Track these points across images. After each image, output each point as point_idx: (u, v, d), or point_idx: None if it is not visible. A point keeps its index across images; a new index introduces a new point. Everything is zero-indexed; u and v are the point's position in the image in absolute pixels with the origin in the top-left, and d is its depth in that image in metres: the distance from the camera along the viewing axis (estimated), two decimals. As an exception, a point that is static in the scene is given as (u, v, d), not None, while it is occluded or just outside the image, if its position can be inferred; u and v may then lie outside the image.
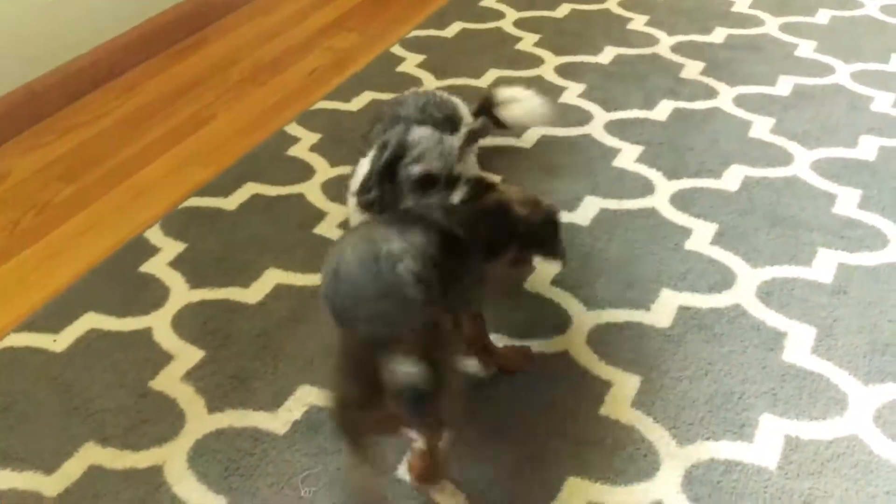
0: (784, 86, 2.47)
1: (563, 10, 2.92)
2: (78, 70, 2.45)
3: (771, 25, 2.80)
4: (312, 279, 1.82)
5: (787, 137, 2.24)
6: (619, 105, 2.39)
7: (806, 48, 2.66)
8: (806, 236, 1.91)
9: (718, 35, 2.75)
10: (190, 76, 2.56)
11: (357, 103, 2.41)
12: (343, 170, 2.09)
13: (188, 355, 1.65)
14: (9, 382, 1.60)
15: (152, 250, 1.90)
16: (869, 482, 1.40)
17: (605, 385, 1.57)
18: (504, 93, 2.06)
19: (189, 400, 1.56)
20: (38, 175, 2.14)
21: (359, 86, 2.49)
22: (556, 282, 1.80)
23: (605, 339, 1.66)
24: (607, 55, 2.65)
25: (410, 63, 2.62)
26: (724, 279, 1.80)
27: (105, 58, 2.51)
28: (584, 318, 1.71)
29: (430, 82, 2.51)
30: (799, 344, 1.64)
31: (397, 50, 2.69)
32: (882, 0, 2.95)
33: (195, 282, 1.82)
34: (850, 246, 1.88)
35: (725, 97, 2.42)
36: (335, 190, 2.04)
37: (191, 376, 1.61)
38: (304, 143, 2.23)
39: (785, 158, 2.16)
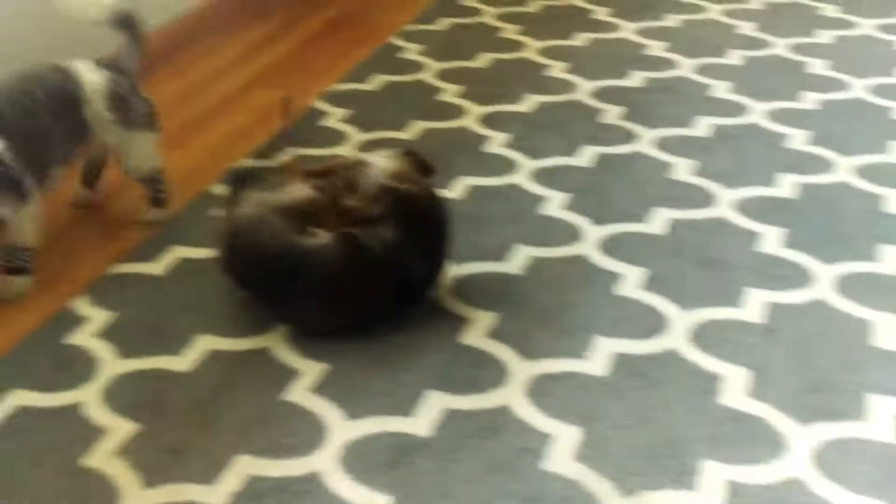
0: (702, 127, 2.54)
1: (483, 61, 2.96)
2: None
3: (686, 67, 2.88)
4: (244, 343, 1.79)
5: (709, 178, 2.29)
6: (543, 153, 2.42)
7: (721, 89, 2.74)
8: (734, 277, 1.95)
9: (636, 79, 2.82)
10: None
11: (280, 160, 2.40)
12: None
13: (120, 429, 1.60)
14: (-69, 469, 1.53)
15: (78, 321, 1.85)
16: (810, 521, 1.43)
17: (547, 438, 1.57)
18: None
19: (123, 476, 1.51)
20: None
21: (282, 142, 2.48)
22: (492, 333, 1.80)
23: (544, 391, 1.67)
24: (529, 103, 2.69)
25: (334, 118, 2.62)
26: (656, 324, 1.82)
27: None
28: (522, 370, 1.71)
29: (353, 136, 2.51)
30: (734, 386, 1.67)
31: (320, 105, 2.69)
32: (790, 39, 3.06)
33: (125, 352, 1.77)
34: (777, 285, 1.92)
35: (646, 140, 2.47)
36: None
37: (124, 451, 1.56)
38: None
39: (708, 199, 2.21)
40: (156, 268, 2.00)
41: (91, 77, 1.98)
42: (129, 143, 2.05)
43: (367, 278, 1.75)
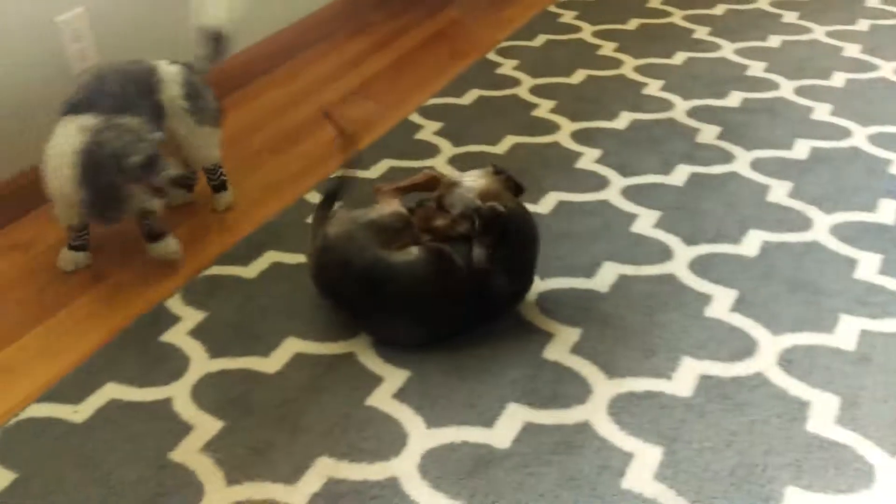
0: (801, 149, 2.48)
1: (578, 77, 2.96)
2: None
3: (786, 89, 2.82)
4: (330, 348, 1.82)
5: (805, 201, 2.24)
6: (635, 170, 2.40)
7: (822, 111, 2.68)
8: (827, 302, 1.90)
9: (734, 99, 2.77)
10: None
11: (376, 171, 2.43)
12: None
13: (208, 426, 1.65)
14: (30, 453, 1.60)
15: (173, 319, 1.91)
16: (898, 557, 1.38)
17: (627, 457, 1.55)
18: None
19: (208, 472, 1.56)
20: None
21: (378, 153, 2.52)
22: (576, 349, 1.79)
23: (626, 409, 1.65)
24: (623, 120, 2.67)
25: (428, 130, 2.64)
26: (745, 347, 1.79)
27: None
28: (605, 387, 1.70)
29: (447, 149, 2.53)
30: (823, 414, 1.63)
31: (415, 118, 2.72)
32: (896, 63, 2.97)
33: (215, 351, 1.82)
34: (872, 312, 1.87)
35: (742, 161, 2.43)
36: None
37: (210, 447, 1.61)
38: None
39: (804, 223, 2.16)
40: (249, 271, 2.05)
41: (168, 68, 2.10)
42: (197, 135, 2.15)
43: (453, 293, 1.77)
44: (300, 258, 2.08)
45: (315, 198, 2.31)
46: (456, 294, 1.77)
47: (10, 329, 1.92)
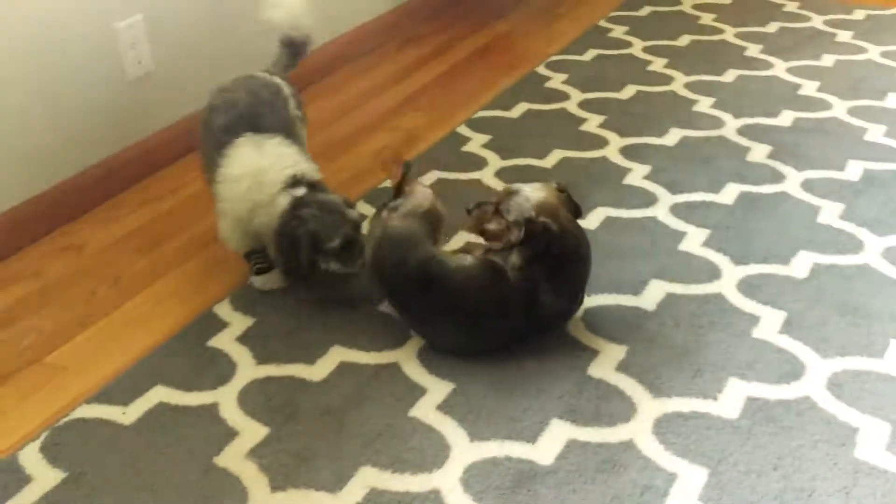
0: (853, 170, 2.45)
1: (628, 92, 2.95)
2: (154, 146, 2.53)
3: (839, 109, 2.79)
4: (376, 357, 1.83)
5: (856, 224, 2.21)
6: (684, 188, 2.39)
7: (876, 132, 2.65)
8: (878, 327, 1.87)
9: (786, 118, 2.75)
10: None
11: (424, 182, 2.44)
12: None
13: (253, 432, 1.67)
14: (80, 453, 1.63)
15: (221, 325, 1.93)
16: (947, 589, 1.35)
17: (671, 477, 1.54)
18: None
19: (252, 478, 1.57)
20: (114, 247, 2.20)
21: (425, 165, 2.53)
22: (621, 367, 1.79)
23: (672, 429, 1.64)
24: (673, 137, 2.66)
25: (476, 143, 2.65)
26: (793, 370, 1.77)
27: (181, 135, 2.59)
28: (650, 406, 1.69)
29: (494, 162, 2.54)
30: (872, 440, 1.60)
31: (463, 130, 2.73)
32: (953, 85, 2.93)
33: (262, 357, 1.84)
34: (924, 338, 1.84)
35: (793, 181, 2.41)
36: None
37: (255, 453, 1.62)
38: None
39: (855, 245, 2.13)
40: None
41: (283, 83, 2.11)
42: (303, 139, 2.15)
43: (501, 307, 1.77)
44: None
45: (361, 208, 2.32)
46: (503, 308, 1.77)
47: (62, 329, 1.95)
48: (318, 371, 1.81)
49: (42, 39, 2.17)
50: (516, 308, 1.78)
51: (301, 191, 1.89)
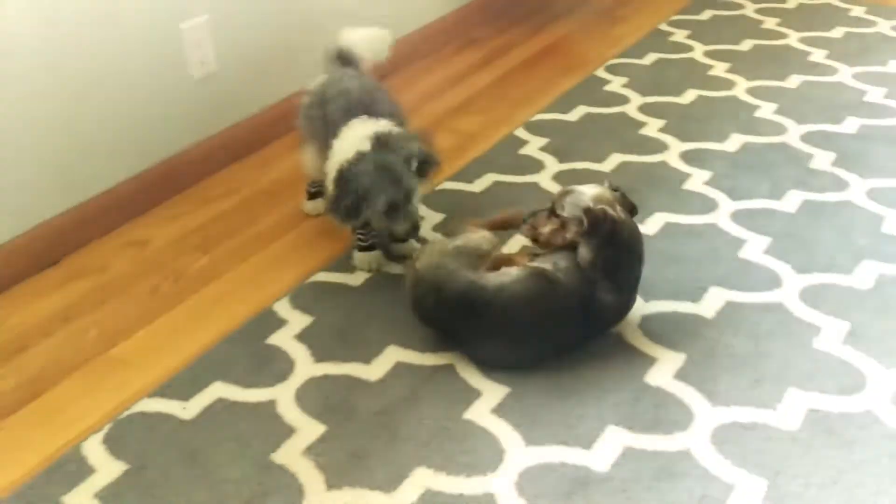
0: (920, 180, 2.40)
1: (689, 97, 2.92)
2: (217, 146, 2.56)
3: (906, 117, 2.74)
4: (431, 358, 1.84)
5: (923, 234, 2.17)
6: (745, 194, 2.36)
7: (944, 142, 2.59)
8: (944, 340, 1.83)
9: (850, 125, 2.70)
10: (321, 152, 2.65)
11: (479, 185, 2.45)
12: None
13: (310, 429, 1.68)
14: (141, 447, 1.65)
15: (280, 322, 1.96)
16: None
17: (728, 488, 1.52)
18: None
19: (308, 475, 1.59)
20: (177, 244, 2.23)
21: (482, 168, 2.53)
22: (679, 374, 1.77)
23: (730, 439, 1.62)
24: (734, 143, 2.63)
25: (533, 146, 2.65)
26: (855, 382, 1.74)
27: (243, 135, 2.63)
28: (708, 415, 1.67)
29: (552, 165, 2.53)
30: (937, 456, 1.57)
31: (521, 133, 2.73)
32: None
33: (319, 356, 1.86)
34: None
35: (857, 189, 2.36)
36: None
37: (311, 451, 1.63)
38: (427, 223, 2.27)
39: (921, 257, 2.09)
40: (354, 279, 2.09)
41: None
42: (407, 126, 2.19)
43: (556, 313, 1.77)
44: (401, 269, 2.10)
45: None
46: (559, 313, 1.77)
47: (126, 324, 1.99)
48: (374, 371, 1.82)
49: (109, 39, 2.21)
50: (573, 311, 1.77)
51: (367, 145, 1.92)
